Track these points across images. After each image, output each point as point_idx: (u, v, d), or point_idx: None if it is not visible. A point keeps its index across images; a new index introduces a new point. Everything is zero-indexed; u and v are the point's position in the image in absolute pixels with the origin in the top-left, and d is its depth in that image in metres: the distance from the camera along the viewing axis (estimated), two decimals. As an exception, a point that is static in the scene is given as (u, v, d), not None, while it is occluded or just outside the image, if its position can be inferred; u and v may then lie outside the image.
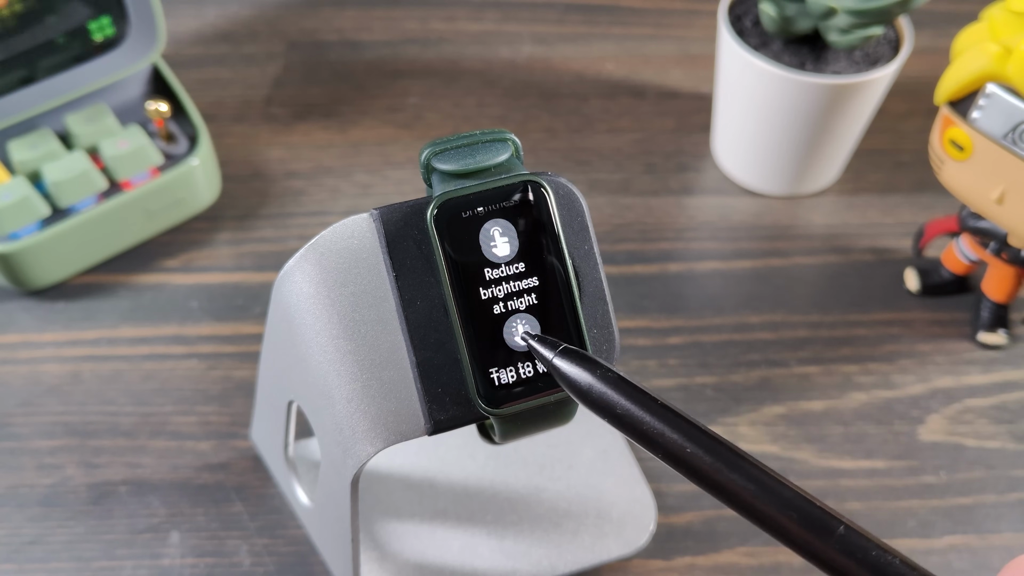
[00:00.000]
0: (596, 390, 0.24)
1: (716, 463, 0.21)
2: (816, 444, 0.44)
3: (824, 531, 0.19)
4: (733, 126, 0.53)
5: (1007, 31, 0.39)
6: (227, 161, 0.54)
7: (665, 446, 0.22)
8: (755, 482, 0.21)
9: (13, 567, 0.39)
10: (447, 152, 0.27)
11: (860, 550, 0.19)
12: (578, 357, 0.25)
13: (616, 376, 0.24)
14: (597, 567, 0.40)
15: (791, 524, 0.20)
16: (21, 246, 0.46)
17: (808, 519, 0.20)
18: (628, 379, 0.24)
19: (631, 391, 0.23)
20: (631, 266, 0.51)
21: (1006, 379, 0.47)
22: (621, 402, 0.23)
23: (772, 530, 0.20)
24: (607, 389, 0.24)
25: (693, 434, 0.22)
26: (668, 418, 0.22)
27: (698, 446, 0.22)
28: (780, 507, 0.20)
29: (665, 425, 0.22)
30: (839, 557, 0.19)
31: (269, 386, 0.37)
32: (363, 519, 0.40)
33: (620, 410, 0.23)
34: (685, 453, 0.22)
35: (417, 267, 0.26)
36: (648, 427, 0.23)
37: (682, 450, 0.22)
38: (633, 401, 0.23)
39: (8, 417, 0.44)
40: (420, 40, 0.62)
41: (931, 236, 0.49)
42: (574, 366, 0.25)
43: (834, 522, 0.20)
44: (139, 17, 0.49)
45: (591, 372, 0.24)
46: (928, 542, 0.41)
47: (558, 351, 0.25)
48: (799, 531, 0.20)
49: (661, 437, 0.22)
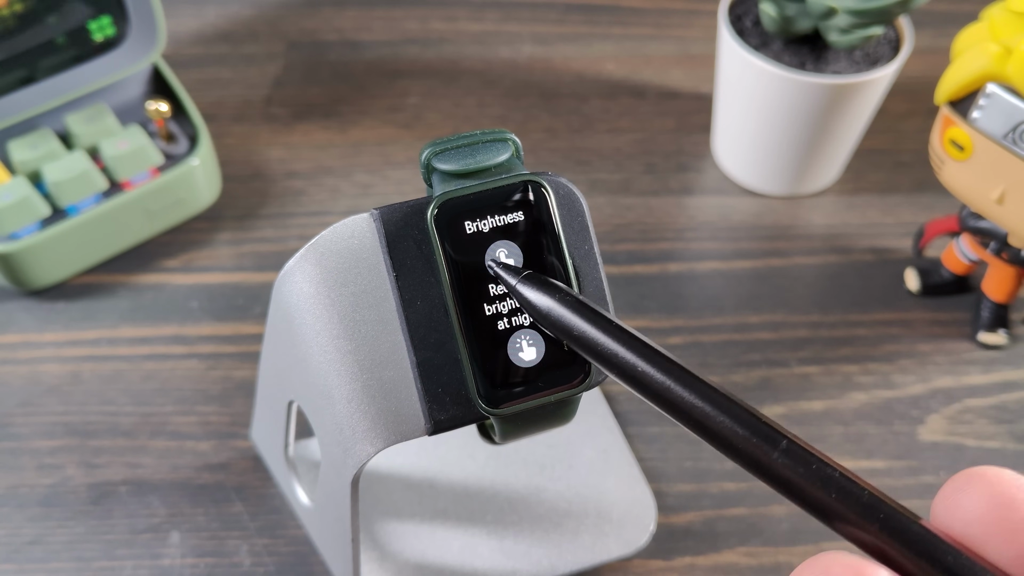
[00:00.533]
0: (555, 313, 0.25)
1: (667, 380, 0.22)
2: (816, 444, 0.44)
3: (769, 444, 0.20)
4: (733, 126, 0.53)
5: (1007, 31, 0.39)
6: (227, 161, 0.54)
7: (619, 365, 0.23)
8: (706, 399, 0.22)
9: (13, 567, 0.39)
10: (447, 152, 0.27)
11: (803, 462, 0.20)
12: (539, 282, 0.26)
13: (574, 299, 0.25)
14: (597, 567, 0.40)
15: (737, 438, 0.21)
16: (21, 246, 0.46)
17: (755, 433, 0.21)
18: (585, 301, 0.25)
19: (588, 313, 0.24)
20: (631, 266, 0.51)
21: (1006, 379, 0.47)
22: (578, 323, 0.24)
23: (720, 444, 0.21)
24: (565, 311, 0.25)
25: (646, 352, 0.23)
26: (622, 338, 0.23)
27: (650, 364, 0.23)
28: (728, 421, 0.21)
29: (619, 345, 0.23)
30: (782, 469, 0.20)
31: (269, 386, 0.37)
32: (363, 519, 0.40)
33: (576, 332, 0.24)
34: (637, 371, 0.23)
35: (417, 267, 0.26)
36: (603, 347, 0.24)
37: (634, 368, 0.23)
38: (590, 322, 0.24)
39: (8, 417, 0.44)
40: (420, 40, 0.62)
41: (931, 236, 0.49)
42: (535, 291, 0.25)
43: (778, 436, 0.20)
44: (139, 17, 0.49)
45: (551, 295, 0.25)
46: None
47: (521, 276, 0.26)
48: (745, 444, 0.21)
49: (615, 357, 0.23)
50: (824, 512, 0.20)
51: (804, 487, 0.20)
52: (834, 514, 0.19)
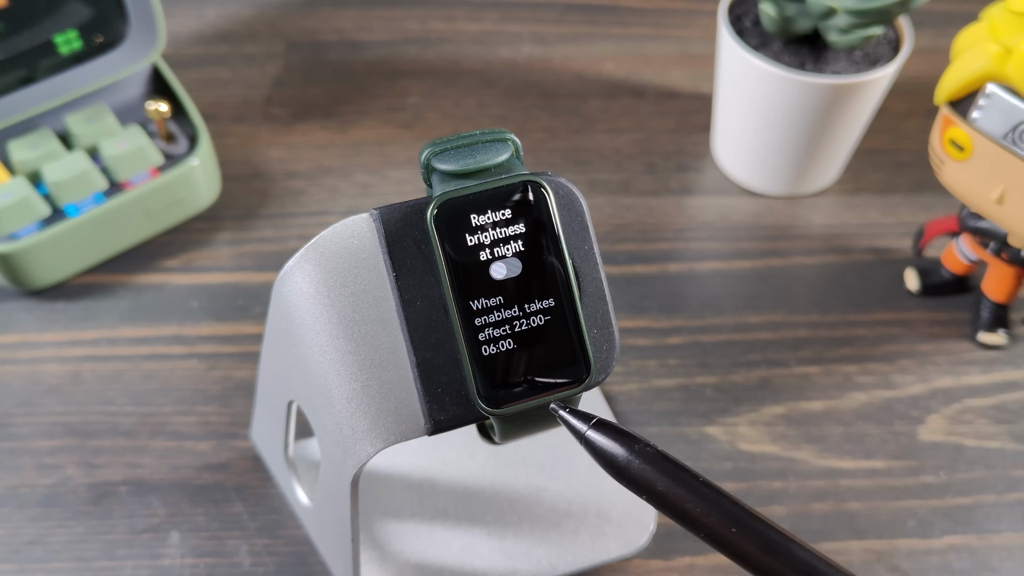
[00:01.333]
0: (635, 467, 0.23)
1: (761, 547, 0.21)
2: (816, 444, 0.44)
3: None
4: (733, 126, 0.53)
5: (1007, 31, 0.39)
6: (227, 161, 0.54)
7: (709, 527, 0.22)
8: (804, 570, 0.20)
9: (13, 567, 0.39)
10: (447, 152, 0.27)
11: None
12: (613, 431, 0.24)
13: (655, 452, 0.23)
14: (597, 567, 0.40)
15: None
16: (21, 246, 0.46)
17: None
18: (667, 455, 0.23)
19: (671, 468, 0.23)
20: (631, 266, 0.51)
21: (1006, 379, 0.47)
22: (661, 479, 0.22)
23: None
24: (646, 466, 0.23)
25: (737, 515, 0.21)
26: (711, 498, 0.22)
27: (742, 528, 0.21)
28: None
29: (708, 505, 0.22)
30: None
31: (269, 386, 0.37)
32: (363, 519, 0.40)
33: (661, 487, 0.22)
34: (730, 534, 0.21)
35: (417, 267, 0.26)
36: (691, 507, 0.22)
37: (726, 531, 0.21)
38: (673, 479, 0.22)
39: (8, 417, 0.44)
40: (420, 40, 0.62)
41: (931, 236, 0.49)
42: (609, 440, 0.24)
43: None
44: (139, 17, 0.49)
45: (628, 447, 0.23)
46: (928, 542, 0.41)
47: (591, 424, 0.25)
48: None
49: (705, 518, 0.22)
50: None
51: None
52: None
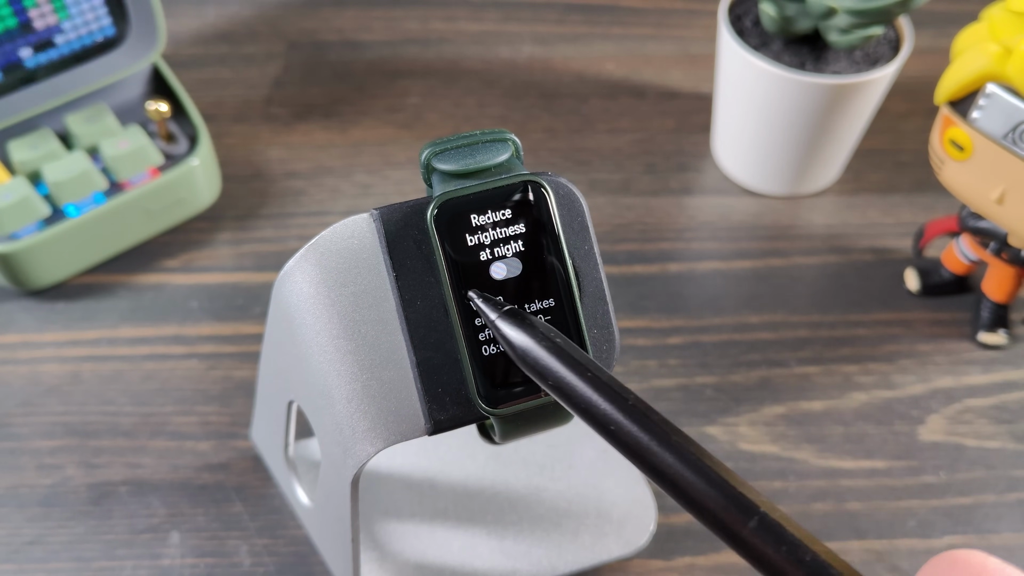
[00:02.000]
0: (532, 355, 0.24)
1: (643, 438, 0.21)
2: (816, 444, 0.44)
3: (744, 514, 0.19)
4: (733, 126, 0.53)
5: (1007, 31, 0.39)
6: (227, 161, 0.54)
7: (594, 416, 0.22)
8: (681, 459, 0.21)
9: (13, 567, 0.39)
10: (447, 152, 0.27)
11: (776, 538, 0.19)
12: (519, 319, 0.25)
13: (552, 343, 0.24)
14: (597, 567, 0.40)
15: (712, 504, 0.20)
16: (21, 246, 0.46)
17: (731, 501, 0.20)
18: (564, 346, 0.24)
19: (567, 359, 0.23)
20: (631, 266, 0.51)
21: (1006, 379, 0.47)
22: (555, 368, 0.23)
23: (694, 510, 0.20)
24: (544, 354, 0.24)
25: (622, 405, 0.22)
26: (599, 388, 0.22)
27: (626, 417, 0.22)
28: (703, 486, 0.20)
29: (595, 394, 0.22)
30: (755, 542, 0.19)
31: (269, 386, 0.37)
32: (363, 519, 0.40)
33: (552, 379, 0.23)
34: (609, 428, 0.22)
35: (417, 267, 0.26)
36: (579, 398, 0.23)
37: (608, 422, 0.22)
38: (569, 368, 0.23)
39: (8, 417, 0.44)
40: (420, 40, 0.62)
41: (931, 236, 0.49)
42: (515, 329, 0.25)
43: (753, 507, 0.20)
44: (139, 17, 0.49)
45: (531, 335, 0.24)
46: (928, 542, 0.41)
47: (501, 311, 0.25)
48: (719, 512, 0.20)
49: (591, 407, 0.22)
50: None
51: (775, 565, 0.19)
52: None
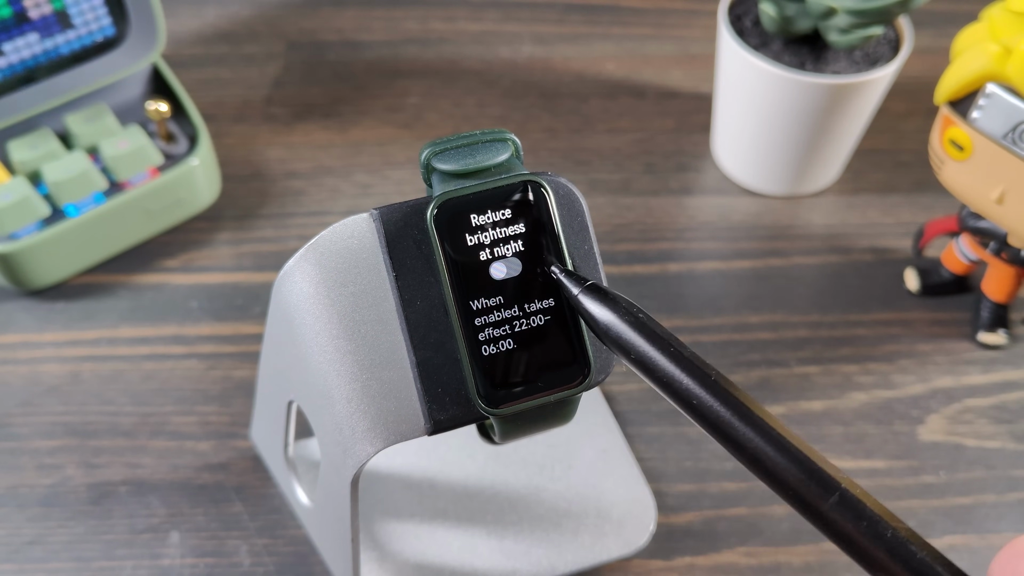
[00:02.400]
0: (615, 330, 0.24)
1: (725, 413, 0.22)
2: (816, 444, 0.44)
3: (825, 490, 0.20)
4: (733, 126, 0.53)
5: (1007, 31, 0.39)
6: (227, 161, 0.54)
7: (677, 391, 0.23)
8: (763, 435, 0.21)
9: (13, 567, 0.39)
10: (447, 152, 0.27)
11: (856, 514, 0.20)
12: (602, 294, 0.25)
13: (635, 318, 0.24)
14: (597, 567, 0.40)
15: (793, 480, 0.21)
16: (21, 246, 0.46)
17: (811, 477, 0.20)
18: (648, 322, 0.24)
19: (650, 334, 0.24)
20: (631, 266, 0.51)
21: (1006, 379, 0.47)
22: (638, 342, 0.24)
23: (775, 484, 0.21)
24: (627, 329, 0.24)
25: (704, 380, 0.22)
26: (682, 363, 0.23)
27: (708, 393, 0.22)
28: (785, 463, 0.21)
29: (678, 369, 0.23)
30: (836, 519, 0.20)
31: (269, 386, 0.37)
32: (363, 519, 0.40)
33: (634, 354, 0.24)
34: (693, 401, 0.22)
35: (417, 267, 0.26)
36: (661, 372, 0.23)
37: (691, 397, 0.22)
38: (651, 343, 0.23)
39: (8, 417, 0.44)
40: (420, 40, 0.62)
41: (931, 236, 0.49)
42: (597, 304, 0.25)
43: (834, 483, 0.20)
44: (139, 17, 0.49)
45: (614, 311, 0.24)
46: (928, 542, 0.41)
47: (584, 286, 0.26)
48: (800, 488, 0.20)
49: (673, 382, 0.23)
50: (874, 568, 0.20)
51: (855, 540, 0.20)
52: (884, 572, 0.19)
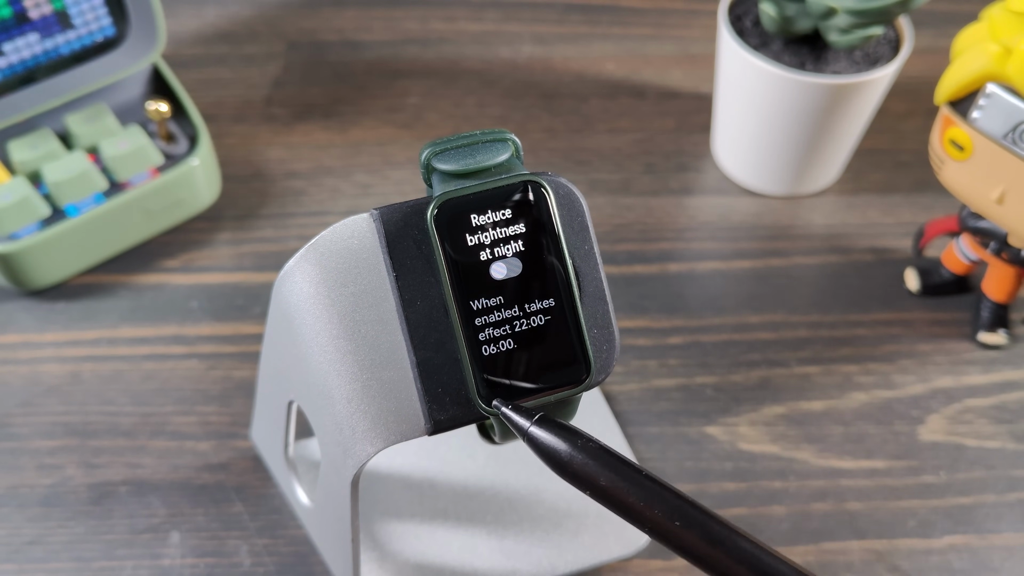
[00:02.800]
0: (577, 462, 0.23)
1: (705, 539, 0.21)
2: (816, 444, 0.44)
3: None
4: (733, 126, 0.53)
5: (1007, 31, 0.39)
6: (227, 161, 0.54)
7: (652, 521, 0.21)
8: (748, 559, 0.20)
9: (13, 567, 0.39)
10: (447, 152, 0.27)
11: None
12: (555, 426, 0.24)
13: (597, 446, 0.23)
14: (597, 567, 0.40)
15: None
16: (21, 246, 0.46)
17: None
18: (610, 449, 0.23)
19: (613, 462, 0.22)
20: (631, 266, 0.51)
21: (1006, 379, 0.47)
22: (604, 474, 0.22)
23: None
24: (588, 460, 0.22)
25: (681, 508, 0.21)
26: (654, 491, 0.21)
27: (686, 521, 0.21)
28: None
29: (652, 499, 0.21)
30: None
31: (269, 386, 0.37)
32: (363, 519, 0.40)
33: (603, 482, 0.22)
34: (673, 528, 0.21)
35: (417, 267, 0.26)
36: (633, 501, 0.22)
37: (670, 525, 0.21)
38: (616, 473, 0.22)
39: (8, 417, 0.44)
40: (420, 40, 0.62)
41: (931, 236, 0.49)
42: (551, 435, 0.24)
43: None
44: (139, 17, 0.49)
45: (570, 443, 0.23)
46: (928, 542, 0.41)
47: (534, 420, 0.24)
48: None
49: (648, 512, 0.21)
50: None
51: None
52: None
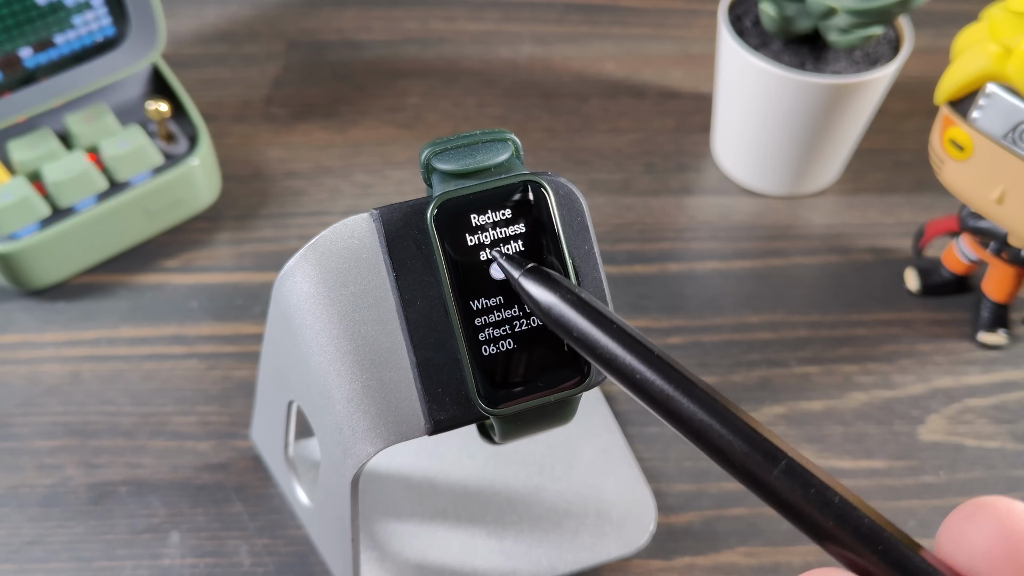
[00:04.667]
0: (556, 310, 0.24)
1: (667, 387, 0.22)
2: (816, 444, 0.44)
3: (769, 461, 0.20)
4: (733, 126, 0.53)
5: (1007, 31, 0.39)
6: (227, 161, 0.54)
7: (619, 369, 0.23)
8: (705, 407, 0.21)
9: (13, 567, 0.39)
10: (447, 152, 0.27)
11: (802, 483, 0.19)
12: (543, 276, 0.25)
13: (576, 297, 0.24)
14: (597, 567, 0.40)
15: (737, 453, 0.20)
16: (21, 246, 0.46)
17: (756, 448, 0.20)
18: (589, 301, 0.24)
19: (591, 312, 0.24)
20: (631, 266, 0.51)
21: (1006, 379, 0.47)
22: (580, 322, 0.24)
23: (719, 458, 0.21)
24: (567, 309, 0.24)
25: (647, 357, 0.22)
26: (624, 340, 0.23)
27: (651, 369, 0.22)
28: (728, 435, 0.20)
29: (620, 347, 0.23)
30: (781, 488, 0.20)
31: (269, 386, 0.37)
32: (363, 519, 0.40)
33: (576, 332, 0.24)
34: (635, 377, 0.22)
35: (417, 267, 0.26)
36: (603, 349, 0.23)
37: (633, 374, 0.22)
38: (592, 322, 0.24)
39: (8, 417, 0.44)
40: (420, 40, 0.62)
41: (931, 236, 0.49)
42: (538, 286, 0.25)
43: (779, 453, 0.20)
44: (139, 17, 0.49)
45: (554, 292, 0.25)
46: (928, 542, 0.41)
47: (525, 269, 0.26)
48: (745, 460, 0.20)
49: (615, 360, 0.23)
50: (821, 536, 0.19)
51: (802, 509, 0.19)
52: (832, 539, 0.19)
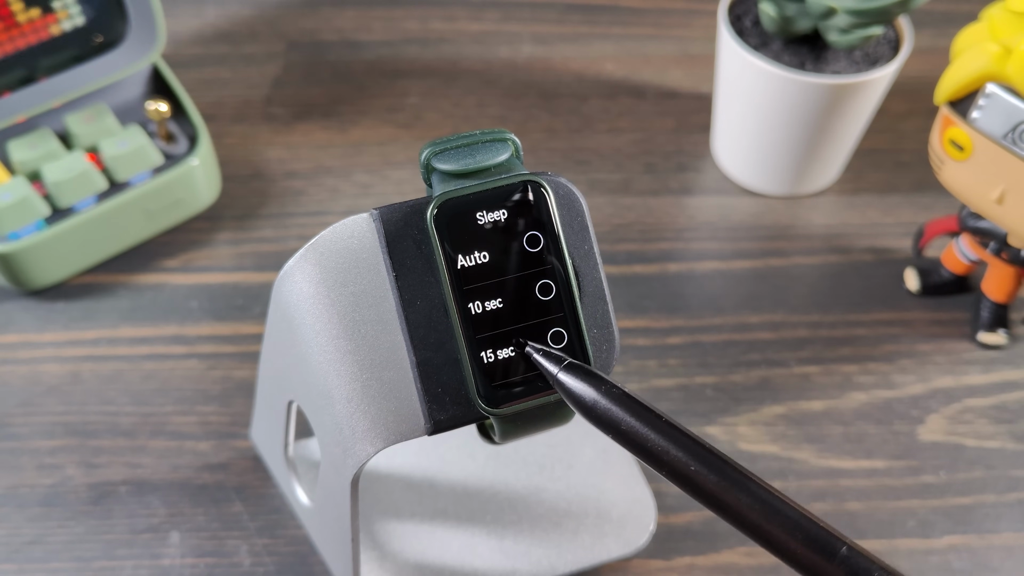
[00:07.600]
0: (601, 406, 0.24)
1: (721, 482, 0.22)
2: (816, 444, 0.44)
3: (828, 552, 0.20)
4: (733, 126, 0.53)
5: (1007, 31, 0.39)
6: (227, 161, 0.54)
7: (670, 464, 0.22)
8: (760, 502, 0.21)
9: (13, 567, 0.39)
10: (447, 152, 0.27)
11: (863, 572, 0.19)
12: (583, 372, 0.25)
13: (621, 392, 0.24)
14: (597, 567, 0.40)
15: (795, 544, 0.20)
16: (21, 246, 0.46)
17: (812, 540, 0.20)
18: (633, 395, 0.24)
19: (636, 407, 0.23)
20: (631, 266, 0.51)
21: (1006, 379, 0.47)
22: (626, 419, 0.23)
23: (776, 550, 0.21)
24: (612, 405, 0.24)
25: (698, 452, 0.22)
26: (673, 435, 0.23)
27: (702, 464, 0.22)
28: (784, 528, 0.20)
29: (669, 443, 0.22)
30: None
31: (269, 386, 0.37)
32: (363, 519, 0.40)
33: (624, 426, 0.23)
34: (689, 471, 0.22)
35: (417, 267, 0.26)
36: (652, 444, 0.23)
37: (686, 468, 0.22)
38: (638, 418, 0.23)
39: (8, 417, 0.44)
40: (420, 40, 0.62)
41: (931, 236, 0.49)
42: (579, 381, 0.25)
43: (837, 543, 0.20)
44: (139, 17, 0.49)
45: (596, 388, 0.24)
46: (928, 542, 0.41)
47: (563, 366, 0.25)
48: (803, 551, 0.20)
49: (666, 455, 0.22)
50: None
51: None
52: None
